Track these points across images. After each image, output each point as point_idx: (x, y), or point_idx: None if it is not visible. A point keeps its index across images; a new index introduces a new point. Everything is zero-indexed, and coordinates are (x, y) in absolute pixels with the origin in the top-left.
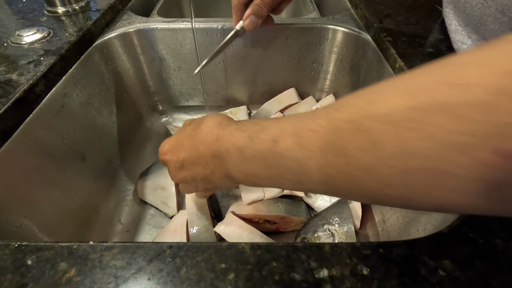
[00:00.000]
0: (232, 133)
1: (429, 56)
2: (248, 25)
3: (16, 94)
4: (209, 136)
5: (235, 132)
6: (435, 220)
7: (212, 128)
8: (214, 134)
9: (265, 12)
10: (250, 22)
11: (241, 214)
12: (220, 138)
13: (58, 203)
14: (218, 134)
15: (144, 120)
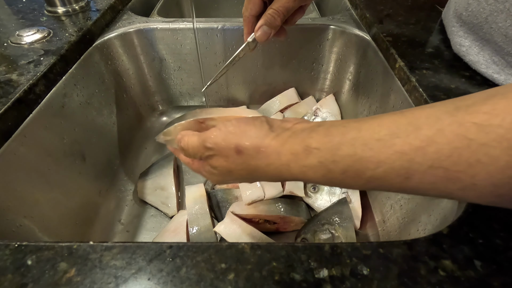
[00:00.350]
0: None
1: (429, 56)
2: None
3: (16, 94)
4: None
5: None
6: (435, 220)
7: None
8: (288, 177)
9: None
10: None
11: (241, 214)
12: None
13: (58, 203)
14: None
15: (144, 120)
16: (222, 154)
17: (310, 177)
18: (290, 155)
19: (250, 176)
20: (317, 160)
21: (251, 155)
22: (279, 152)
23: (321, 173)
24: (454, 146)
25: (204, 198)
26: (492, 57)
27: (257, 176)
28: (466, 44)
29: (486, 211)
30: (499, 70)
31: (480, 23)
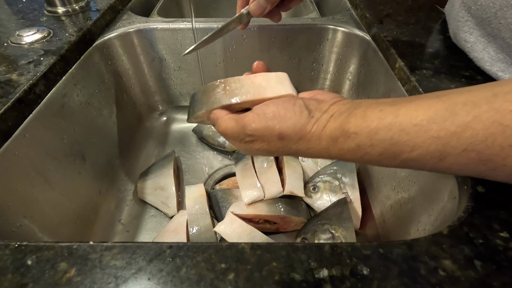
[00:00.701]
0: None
1: (429, 56)
2: (254, 9)
3: (16, 94)
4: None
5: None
6: (435, 220)
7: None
8: (328, 158)
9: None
10: (257, 6)
11: (241, 214)
12: (342, 159)
13: (58, 203)
14: (336, 158)
15: (144, 120)
16: (264, 140)
17: (348, 159)
18: (330, 140)
19: (291, 155)
20: (355, 144)
21: (293, 140)
22: (320, 137)
23: (358, 155)
24: (490, 132)
25: (204, 198)
26: (497, 54)
27: (298, 156)
28: (471, 40)
29: (486, 211)
30: (504, 68)
31: (489, 18)
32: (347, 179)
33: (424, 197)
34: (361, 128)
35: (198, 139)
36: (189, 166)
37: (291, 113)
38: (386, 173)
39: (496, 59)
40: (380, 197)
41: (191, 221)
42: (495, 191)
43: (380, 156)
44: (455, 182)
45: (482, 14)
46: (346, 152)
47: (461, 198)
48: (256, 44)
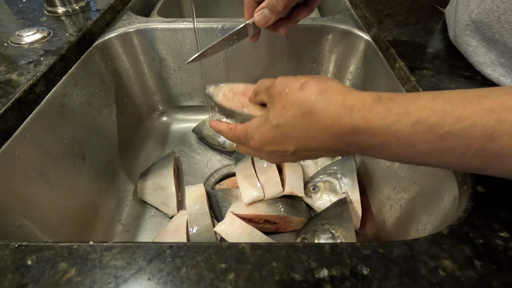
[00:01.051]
0: (390, 125)
1: (429, 56)
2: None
3: (16, 94)
4: (336, 128)
5: (396, 124)
6: (435, 220)
7: (341, 118)
8: (348, 124)
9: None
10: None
11: (241, 214)
12: (365, 131)
13: (58, 203)
14: (358, 126)
15: (144, 120)
16: (286, 87)
17: (373, 126)
18: (357, 100)
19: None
20: (386, 107)
21: (314, 91)
22: (345, 94)
23: (388, 121)
24: None
25: (204, 198)
26: (499, 59)
27: (312, 120)
28: (473, 44)
29: (486, 211)
30: (505, 73)
31: (491, 22)
32: (347, 179)
33: (424, 197)
34: (396, 96)
35: (198, 139)
36: (189, 166)
37: (322, 76)
38: (386, 173)
39: (498, 64)
40: (380, 197)
41: (191, 221)
42: (495, 191)
43: (415, 127)
44: (455, 182)
45: (484, 18)
46: (373, 116)
47: (461, 198)
48: (256, 44)
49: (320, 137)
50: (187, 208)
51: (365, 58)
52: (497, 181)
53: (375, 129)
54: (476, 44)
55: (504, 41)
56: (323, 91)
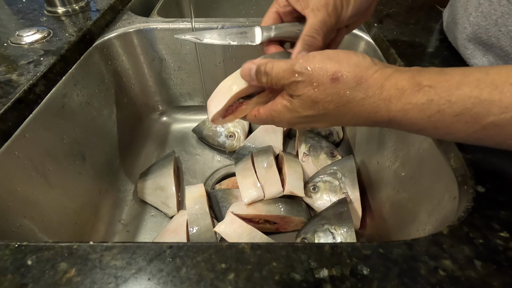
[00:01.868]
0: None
1: (429, 56)
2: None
3: (16, 94)
4: (372, 118)
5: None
6: (435, 220)
7: (378, 110)
8: (385, 117)
9: (320, 42)
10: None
11: (241, 214)
12: (403, 122)
13: (58, 203)
14: (396, 118)
15: (144, 120)
16: (313, 81)
17: (411, 117)
18: (395, 90)
19: (337, 111)
20: (427, 98)
21: (349, 85)
22: (383, 85)
23: (428, 113)
24: None
25: (204, 198)
26: (497, 62)
27: (346, 111)
28: (470, 47)
29: (486, 211)
30: None
31: (488, 25)
32: (347, 179)
33: (424, 197)
34: (438, 81)
35: (198, 139)
36: (189, 166)
37: (352, 55)
38: (386, 173)
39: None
40: (380, 197)
41: (191, 221)
42: (495, 191)
43: (456, 117)
44: (455, 182)
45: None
46: (412, 108)
47: (461, 198)
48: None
49: (354, 122)
50: (187, 208)
51: None
52: (497, 181)
53: (413, 120)
54: (473, 47)
55: (500, 44)
56: (358, 84)
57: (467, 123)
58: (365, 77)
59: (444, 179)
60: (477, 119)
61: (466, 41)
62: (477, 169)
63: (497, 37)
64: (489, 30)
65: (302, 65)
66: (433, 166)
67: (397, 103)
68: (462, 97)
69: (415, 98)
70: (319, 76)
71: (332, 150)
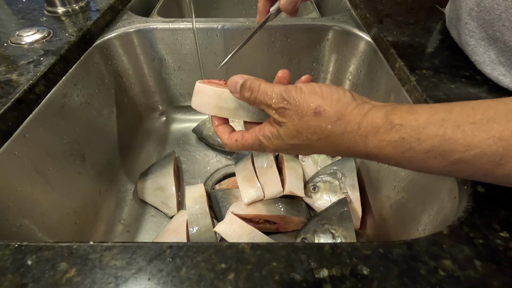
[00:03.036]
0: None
1: (429, 56)
2: (285, 4)
3: (16, 94)
4: (351, 151)
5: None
6: (435, 220)
7: (356, 145)
8: (362, 151)
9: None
10: (288, 1)
11: (241, 214)
12: (379, 156)
13: (58, 203)
14: (372, 152)
15: (144, 120)
16: (298, 111)
17: (387, 153)
18: (371, 127)
19: (319, 142)
20: (399, 136)
21: (330, 119)
22: (360, 122)
23: (401, 150)
24: None
25: (204, 198)
26: (498, 58)
27: (327, 143)
28: (471, 43)
29: (486, 211)
30: (505, 72)
31: (492, 20)
32: (347, 179)
33: (424, 197)
34: (407, 120)
35: (198, 139)
36: (189, 166)
37: (335, 92)
38: (386, 173)
39: (497, 63)
40: (380, 197)
41: (191, 221)
42: (495, 191)
43: (427, 154)
44: (455, 182)
45: (485, 16)
46: (387, 145)
47: (461, 198)
48: (256, 44)
49: (336, 153)
50: (187, 208)
51: (365, 58)
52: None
53: (389, 155)
54: (474, 43)
55: (504, 39)
56: (338, 119)
57: (437, 159)
58: (345, 113)
59: (444, 179)
60: (445, 156)
61: (468, 37)
62: None
63: (501, 31)
64: (494, 25)
65: (290, 94)
66: None
67: (373, 140)
68: (430, 135)
69: (389, 136)
70: (303, 108)
71: None
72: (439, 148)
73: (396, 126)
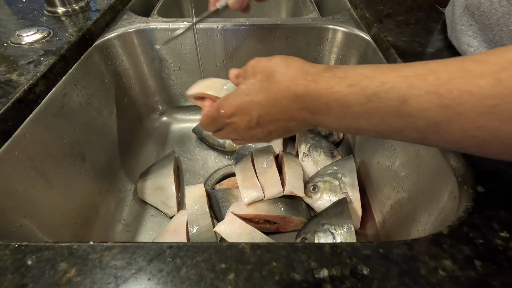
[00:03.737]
0: (332, 87)
1: (429, 56)
2: (233, 3)
3: (16, 94)
4: (293, 88)
5: (337, 86)
6: (435, 220)
7: (296, 79)
8: (301, 86)
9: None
10: (236, 0)
11: (241, 214)
12: (313, 92)
13: (58, 203)
14: (309, 87)
15: (144, 120)
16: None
17: (320, 88)
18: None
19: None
20: (331, 73)
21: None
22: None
23: (330, 84)
24: (452, 76)
25: (204, 198)
26: None
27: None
28: (474, 45)
29: (486, 211)
30: None
31: (491, 24)
32: (347, 179)
33: (424, 197)
34: (344, 66)
35: (198, 139)
36: (189, 166)
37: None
38: (386, 173)
39: None
40: (380, 197)
41: (191, 221)
42: (495, 191)
43: (350, 88)
44: (455, 182)
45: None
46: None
47: (461, 198)
48: (256, 44)
49: (279, 99)
50: (187, 208)
51: (365, 58)
52: (497, 181)
53: (321, 91)
54: (477, 45)
55: (504, 43)
56: (286, 59)
57: (357, 94)
58: (293, 58)
59: (444, 179)
60: (364, 90)
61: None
62: (477, 169)
63: (500, 36)
64: (493, 29)
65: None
66: (433, 166)
67: (312, 75)
68: (355, 73)
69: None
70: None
71: (332, 150)
72: (360, 84)
73: (332, 68)
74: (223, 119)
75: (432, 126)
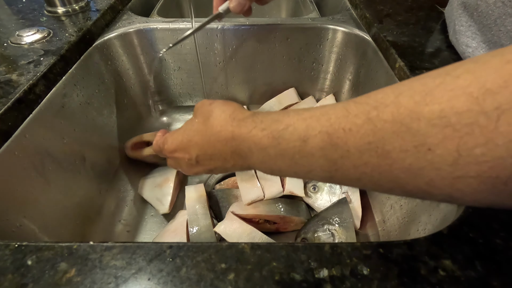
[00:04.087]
0: (250, 131)
1: (429, 56)
2: (235, 7)
3: (16, 94)
4: (223, 133)
5: (254, 130)
6: (435, 220)
7: (225, 124)
8: (229, 131)
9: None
10: (237, 3)
11: (241, 214)
12: (237, 137)
13: (58, 203)
14: (234, 132)
15: (144, 120)
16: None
17: (242, 133)
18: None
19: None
20: (252, 119)
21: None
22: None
23: (248, 128)
24: (338, 116)
25: (204, 198)
26: None
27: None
28: (473, 45)
29: (486, 211)
30: None
31: (490, 25)
32: None
33: None
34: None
35: None
36: None
37: None
38: None
39: None
40: (380, 197)
41: (191, 221)
42: None
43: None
44: None
45: (484, 21)
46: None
47: None
48: (256, 44)
49: (214, 143)
50: (187, 208)
51: (365, 58)
52: None
53: (243, 135)
54: (476, 45)
55: (502, 43)
56: (223, 105)
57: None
58: (231, 104)
59: None
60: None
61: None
62: None
63: (498, 36)
64: (491, 29)
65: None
66: None
67: (237, 122)
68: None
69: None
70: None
71: None
72: (270, 127)
73: (255, 114)
74: (166, 153)
75: (332, 164)
